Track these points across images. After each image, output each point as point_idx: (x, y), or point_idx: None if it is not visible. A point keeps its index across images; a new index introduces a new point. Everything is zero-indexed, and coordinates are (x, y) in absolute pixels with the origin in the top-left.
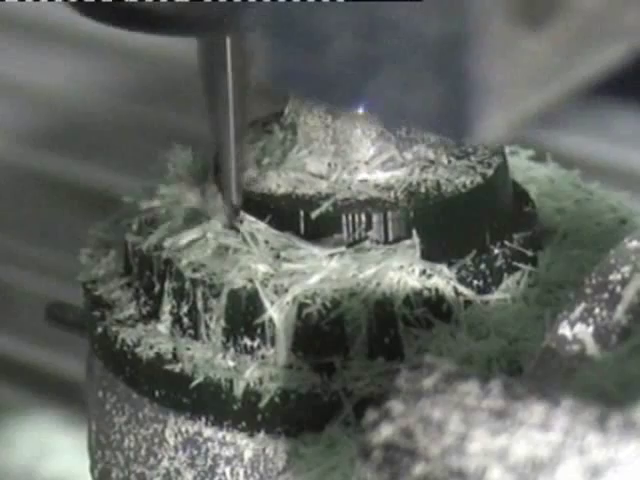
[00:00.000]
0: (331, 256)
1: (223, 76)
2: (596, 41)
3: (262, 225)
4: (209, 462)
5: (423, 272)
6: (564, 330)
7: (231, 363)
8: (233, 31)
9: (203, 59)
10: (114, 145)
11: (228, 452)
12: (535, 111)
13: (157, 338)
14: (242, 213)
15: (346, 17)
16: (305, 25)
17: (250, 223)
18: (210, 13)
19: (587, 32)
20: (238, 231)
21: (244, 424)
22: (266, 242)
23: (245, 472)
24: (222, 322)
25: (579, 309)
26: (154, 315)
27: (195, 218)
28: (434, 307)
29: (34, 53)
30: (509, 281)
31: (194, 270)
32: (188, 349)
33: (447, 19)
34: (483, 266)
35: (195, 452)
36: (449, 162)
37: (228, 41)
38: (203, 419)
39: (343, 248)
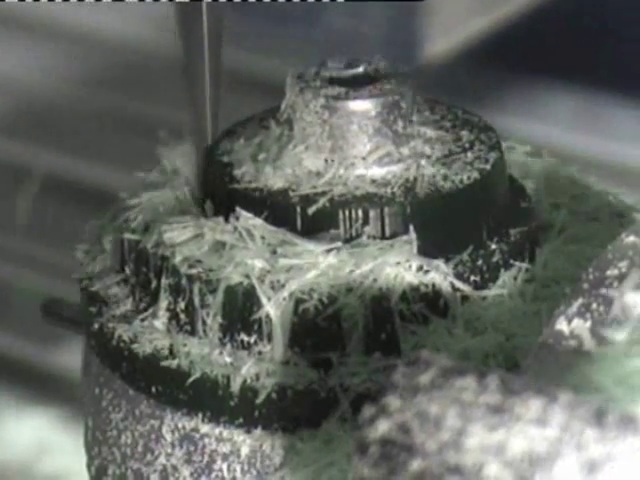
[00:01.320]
0: (328, 252)
1: (200, 36)
2: None
3: (258, 221)
4: (206, 458)
5: (420, 268)
6: (561, 325)
7: (228, 359)
8: None
9: (180, 19)
10: (99, 140)
11: (225, 448)
12: (476, 35)
13: (154, 334)
14: (238, 209)
15: None
16: None
17: (246, 219)
18: None
19: None
20: (235, 228)
21: (241, 420)
22: (262, 238)
23: (242, 468)
24: (219, 318)
25: (576, 304)
26: (150, 311)
27: (191, 214)
28: (431, 303)
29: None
30: (506, 277)
31: (190, 266)
32: (185, 345)
33: None
34: (480, 262)
35: (192, 448)
36: (446, 157)
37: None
38: (200, 415)
39: (339, 244)
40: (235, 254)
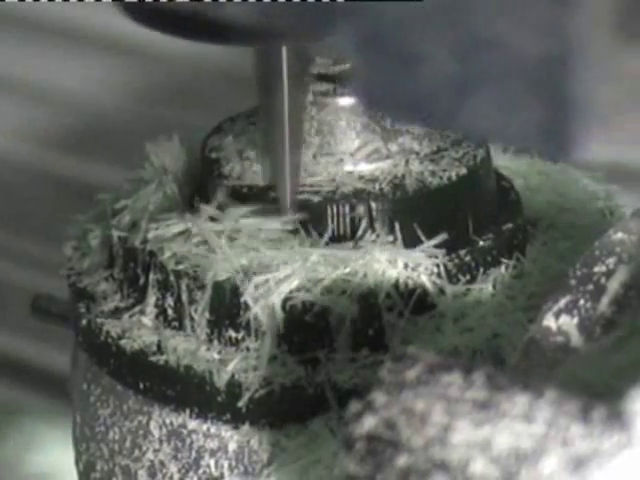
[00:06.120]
0: (315, 248)
1: (279, 83)
2: None
3: (245, 219)
4: (193, 454)
5: (407, 264)
6: (549, 321)
7: (215, 355)
8: (293, 42)
9: (259, 66)
10: (119, 144)
11: (212, 444)
12: (637, 129)
13: (141, 330)
14: (225, 207)
15: (442, 35)
16: (399, 44)
17: (232, 217)
18: (289, 25)
19: None
20: (222, 226)
21: (228, 416)
22: (249, 236)
23: (229, 464)
24: (206, 314)
25: (564, 301)
26: (139, 307)
27: (179, 210)
28: (418, 299)
29: (49, 54)
30: (494, 273)
31: (178, 262)
32: (172, 341)
33: (547, 37)
34: (468, 258)
35: (179, 444)
36: (434, 154)
37: (284, 48)
38: (187, 411)
39: (326, 240)
40: (223, 251)
